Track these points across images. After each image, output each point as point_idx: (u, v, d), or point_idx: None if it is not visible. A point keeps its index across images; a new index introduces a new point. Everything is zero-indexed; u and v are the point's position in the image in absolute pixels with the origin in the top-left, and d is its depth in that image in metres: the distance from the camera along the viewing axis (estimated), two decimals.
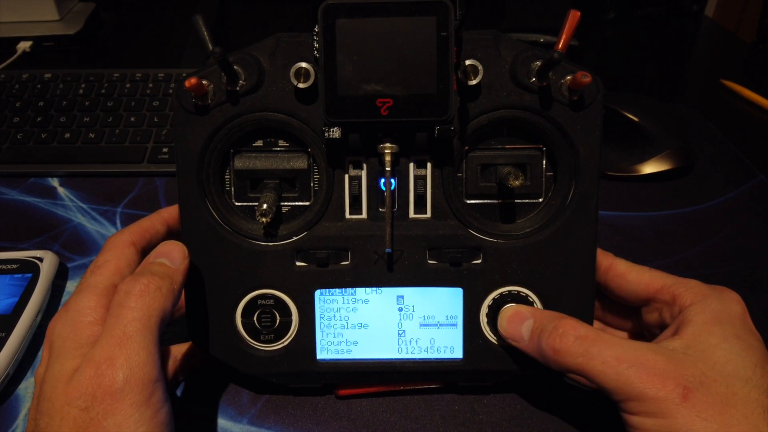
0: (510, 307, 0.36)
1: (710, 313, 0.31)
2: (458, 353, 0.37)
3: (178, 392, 0.40)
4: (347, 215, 0.36)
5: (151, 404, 0.29)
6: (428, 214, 0.36)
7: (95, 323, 0.31)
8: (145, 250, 0.35)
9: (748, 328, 0.31)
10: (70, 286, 0.48)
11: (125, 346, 0.29)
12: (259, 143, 0.36)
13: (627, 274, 0.36)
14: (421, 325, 0.37)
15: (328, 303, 0.37)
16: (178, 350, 0.39)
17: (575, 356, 0.31)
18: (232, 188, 0.36)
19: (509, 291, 0.36)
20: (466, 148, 0.35)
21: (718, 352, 0.30)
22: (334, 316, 0.37)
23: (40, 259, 0.45)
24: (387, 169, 0.33)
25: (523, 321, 0.34)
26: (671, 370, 0.29)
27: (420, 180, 0.35)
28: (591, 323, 0.36)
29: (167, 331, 0.41)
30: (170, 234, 0.38)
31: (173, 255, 0.33)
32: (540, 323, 0.33)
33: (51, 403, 0.28)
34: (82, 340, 0.30)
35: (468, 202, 0.36)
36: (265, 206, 0.33)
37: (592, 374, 0.30)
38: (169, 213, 0.38)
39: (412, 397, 0.39)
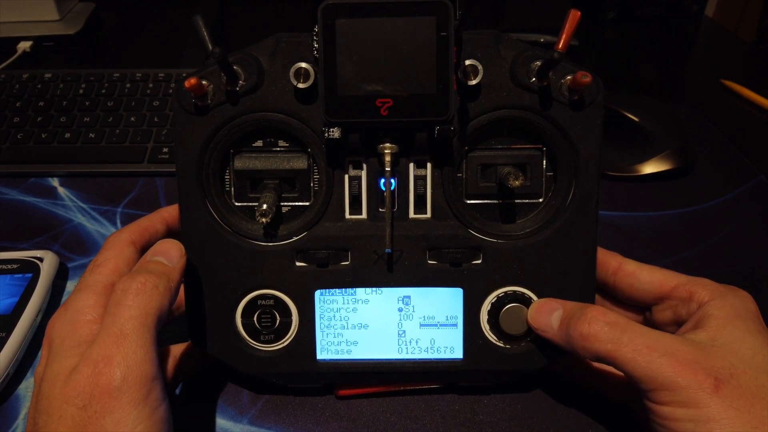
0: (540, 301, 0.36)
1: (731, 308, 0.32)
2: (458, 353, 0.37)
3: (178, 392, 0.40)
4: (347, 215, 0.36)
5: (148, 402, 0.29)
6: (428, 215, 0.36)
7: (94, 322, 0.31)
8: (144, 249, 0.35)
9: (764, 325, 0.32)
10: (71, 286, 0.48)
11: (122, 344, 0.29)
12: (259, 143, 0.36)
13: (638, 274, 0.36)
14: (421, 325, 0.37)
15: (328, 303, 0.37)
16: (177, 350, 0.39)
17: (605, 342, 0.31)
18: (232, 188, 0.36)
19: (509, 291, 0.36)
20: (466, 148, 0.35)
21: (744, 345, 0.30)
22: (334, 316, 0.37)
23: (40, 259, 0.45)
24: (387, 169, 0.33)
25: (552, 312, 0.34)
26: (702, 360, 0.29)
27: (420, 180, 0.35)
28: None
29: (167, 330, 0.41)
30: (170, 233, 0.38)
31: (170, 253, 0.33)
32: (569, 312, 0.33)
33: (49, 402, 0.29)
34: (80, 338, 0.30)
35: (468, 202, 0.36)
36: (265, 206, 0.33)
37: (622, 361, 0.30)
38: (169, 212, 0.38)
39: (412, 397, 0.39)
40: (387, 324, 0.37)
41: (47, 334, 0.32)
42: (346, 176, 0.35)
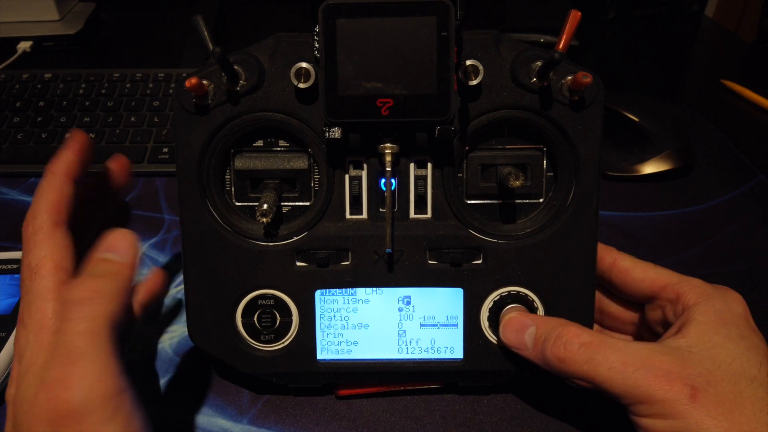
0: (510, 316, 0.35)
1: (714, 312, 0.32)
2: (458, 353, 0.37)
3: (178, 391, 0.40)
4: (347, 215, 0.36)
5: (119, 417, 0.26)
6: (429, 215, 0.36)
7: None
8: (69, 222, 0.31)
9: (752, 327, 0.32)
10: None
11: (77, 363, 0.26)
12: (260, 143, 0.36)
13: (631, 270, 0.36)
14: (421, 325, 0.37)
15: (329, 303, 0.37)
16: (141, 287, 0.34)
17: (581, 364, 0.31)
18: (233, 188, 0.36)
19: (510, 291, 0.36)
20: (467, 148, 0.35)
21: (723, 352, 0.30)
22: (334, 316, 0.37)
23: None
24: (387, 169, 0.33)
25: (525, 329, 0.34)
26: (678, 370, 0.29)
27: (420, 180, 0.35)
28: (591, 324, 0.36)
29: (166, 331, 0.41)
30: (80, 187, 0.32)
31: (119, 247, 0.30)
32: (542, 331, 0.33)
33: (21, 428, 0.27)
34: (46, 356, 0.27)
35: (468, 202, 0.36)
36: (265, 206, 0.33)
37: (599, 380, 0.30)
38: (59, 166, 0.32)
39: (412, 397, 0.39)
40: (387, 324, 0.37)
41: (15, 351, 0.29)
42: (347, 176, 0.35)
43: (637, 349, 0.30)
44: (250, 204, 0.36)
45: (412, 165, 0.35)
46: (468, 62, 0.32)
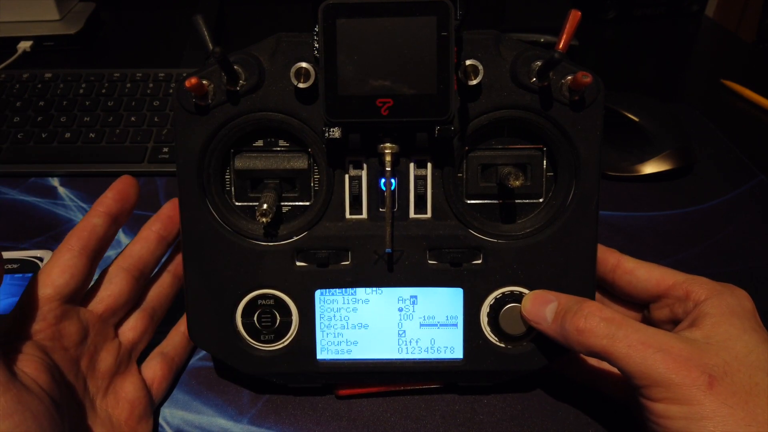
0: (535, 292, 0.36)
1: (727, 306, 0.32)
2: (458, 353, 0.37)
3: (178, 391, 0.40)
4: (347, 215, 0.36)
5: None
6: (428, 214, 0.36)
7: None
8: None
9: (760, 323, 0.32)
10: None
11: None
12: (260, 143, 0.36)
13: (636, 271, 0.36)
14: (421, 325, 0.37)
15: (329, 303, 0.37)
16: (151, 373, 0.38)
17: (600, 338, 0.31)
18: (233, 188, 0.36)
19: (509, 291, 0.36)
20: (467, 148, 0.35)
21: (739, 343, 0.30)
22: (334, 316, 0.37)
23: (41, 259, 0.45)
24: (387, 169, 0.33)
25: (547, 303, 0.34)
26: (696, 357, 0.29)
27: (420, 180, 0.35)
28: None
29: (162, 331, 0.40)
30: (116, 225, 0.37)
31: None
32: (564, 305, 0.33)
33: None
34: None
35: (468, 202, 0.36)
36: (265, 206, 0.33)
37: (616, 356, 0.30)
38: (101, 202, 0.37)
39: (413, 397, 0.39)
40: (387, 324, 0.37)
41: None
42: (347, 176, 0.35)
43: (656, 332, 0.30)
44: (250, 204, 0.36)
45: (412, 165, 0.35)
46: (468, 62, 0.32)
